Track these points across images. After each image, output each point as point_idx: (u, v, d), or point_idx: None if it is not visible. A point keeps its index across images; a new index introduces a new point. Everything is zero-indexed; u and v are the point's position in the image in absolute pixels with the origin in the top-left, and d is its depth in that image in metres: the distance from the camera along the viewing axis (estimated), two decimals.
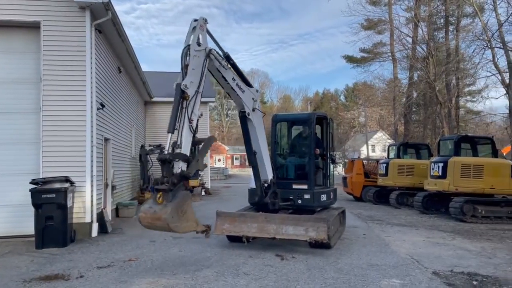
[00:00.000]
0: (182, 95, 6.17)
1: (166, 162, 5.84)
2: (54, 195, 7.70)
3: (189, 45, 6.50)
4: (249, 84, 8.00)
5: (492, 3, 21.76)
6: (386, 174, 16.66)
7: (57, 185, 7.84)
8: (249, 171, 9.07)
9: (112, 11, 9.13)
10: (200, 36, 6.71)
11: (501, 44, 21.20)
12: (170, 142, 6.07)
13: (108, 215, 10.17)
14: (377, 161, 19.80)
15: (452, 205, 12.11)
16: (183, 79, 6.29)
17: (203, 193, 19.30)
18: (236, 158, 74.53)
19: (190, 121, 6.17)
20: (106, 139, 10.77)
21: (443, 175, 12.64)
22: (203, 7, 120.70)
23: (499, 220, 11.79)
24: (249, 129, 8.14)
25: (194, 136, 6.31)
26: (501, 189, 12.47)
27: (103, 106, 9.85)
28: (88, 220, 8.72)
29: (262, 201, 8.15)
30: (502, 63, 22.32)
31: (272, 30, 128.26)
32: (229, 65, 7.44)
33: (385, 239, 8.94)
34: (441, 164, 12.83)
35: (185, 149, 6.07)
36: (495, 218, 11.84)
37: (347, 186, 19.05)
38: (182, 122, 6.10)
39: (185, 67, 6.37)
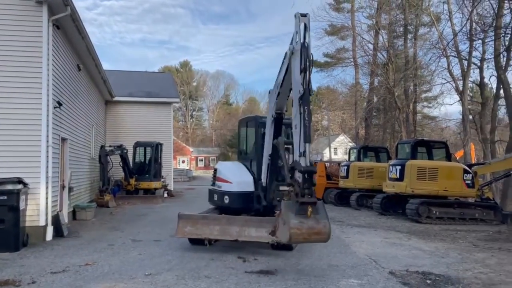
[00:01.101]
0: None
1: (311, 174, 5.79)
2: (5, 197, 7.32)
3: (307, 45, 6.14)
4: None
5: (448, 14, 22.88)
6: (347, 177, 17.05)
7: (9, 187, 7.45)
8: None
9: (71, 7, 8.82)
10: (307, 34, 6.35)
11: (455, 53, 22.31)
12: (308, 151, 5.86)
13: (64, 218, 9.80)
14: (339, 163, 20.24)
15: (408, 207, 12.56)
16: (305, 83, 5.99)
17: (165, 195, 18.98)
18: (201, 160, 73.85)
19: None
20: (63, 139, 10.37)
21: (401, 178, 13.10)
22: (168, 6, 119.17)
23: (452, 221, 12.34)
24: (281, 131, 7.89)
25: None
26: (453, 191, 13.06)
27: (60, 104, 9.49)
28: (42, 223, 8.34)
29: (262, 204, 8.05)
30: (456, 71, 23.51)
31: (239, 32, 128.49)
32: None
33: (345, 240, 9.14)
34: (398, 167, 13.30)
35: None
36: (448, 219, 12.38)
37: None
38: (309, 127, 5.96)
39: (305, 71, 6.02)
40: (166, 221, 11.29)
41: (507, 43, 16.85)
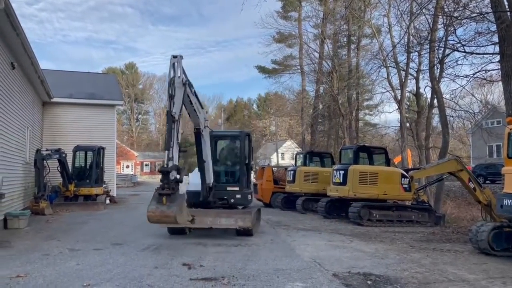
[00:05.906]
0: (172, 120, 7.72)
1: (167, 173, 7.42)
2: None
3: (173, 78, 7.99)
4: (202, 107, 9.85)
5: (388, 27, 24.15)
6: (293, 181, 17.36)
7: None
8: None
9: (5, 1, 8.23)
10: (178, 70, 8.20)
11: (394, 64, 23.55)
12: (167, 157, 7.66)
13: None
14: (286, 168, 20.56)
15: (351, 210, 13.00)
16: (170, 107, 7.86)
17: (107, 201, 18.19)
18: (146, 165, 71.76)
19: (178, 137, 7.85)
20: None
21: (344, 182, 13.55)
22: (116, 5, 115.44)
23: (391, 223, 12.94)
24: (202, 142, 9.81)
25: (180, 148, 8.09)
26: (392, 195, 13.71)
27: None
28: None
29: (207, 199, 9.96)
30: (395, 81, 24.81)
31: (190, 35, 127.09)
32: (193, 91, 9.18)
33: (290, 244, 9.27)
34: (342, 172, 13.74)
35: (176, 160, 7.69)
36: (387, 222, 12.97)
37: (258, 192, 19.46)
38: (173, 140, 7.67)
39: (170, 97, 7.91)
40: (108, 229, 10.82)
41: (440, 55, 18.08)
